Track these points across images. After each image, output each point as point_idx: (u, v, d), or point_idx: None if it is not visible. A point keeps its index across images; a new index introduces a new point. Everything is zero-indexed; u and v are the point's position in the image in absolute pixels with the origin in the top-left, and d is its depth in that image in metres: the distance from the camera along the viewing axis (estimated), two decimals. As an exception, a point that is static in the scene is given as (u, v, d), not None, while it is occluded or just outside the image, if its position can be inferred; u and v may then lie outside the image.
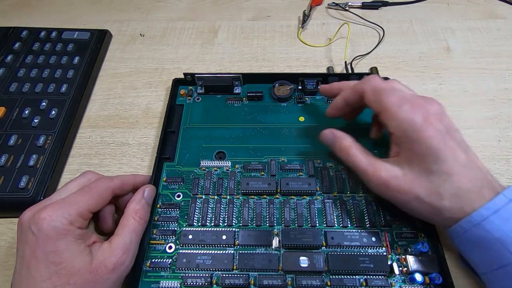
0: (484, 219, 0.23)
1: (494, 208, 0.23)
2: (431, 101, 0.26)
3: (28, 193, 0.32)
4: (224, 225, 0.31)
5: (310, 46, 0.47)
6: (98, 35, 0.46)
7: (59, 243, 0.23)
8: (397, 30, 0.49)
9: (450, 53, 0.46)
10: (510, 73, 0.43)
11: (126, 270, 0.25)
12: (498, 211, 0.22)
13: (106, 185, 0.27)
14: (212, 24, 0.50)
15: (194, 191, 0.32)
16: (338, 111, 0.32)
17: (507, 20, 0.49)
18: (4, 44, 0.44)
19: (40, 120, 0.37)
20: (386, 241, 0.29)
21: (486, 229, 0.23)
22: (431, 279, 0.27)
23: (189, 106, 0.39)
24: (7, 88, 0.40)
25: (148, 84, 0.43)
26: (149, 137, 0.38)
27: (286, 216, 0.31)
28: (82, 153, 0.37)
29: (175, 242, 0.30)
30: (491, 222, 0.22)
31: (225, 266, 0.28)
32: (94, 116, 0.40)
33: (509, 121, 0.39)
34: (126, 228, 0.26)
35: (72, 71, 0.41)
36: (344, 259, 0.28)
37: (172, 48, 0.47)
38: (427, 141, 0.24)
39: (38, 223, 0.23)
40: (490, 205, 0.23)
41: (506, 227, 0.22)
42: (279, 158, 0.34)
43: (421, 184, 0.25)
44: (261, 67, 0.45)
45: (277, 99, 0.39)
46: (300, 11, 0.51)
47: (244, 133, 0.36)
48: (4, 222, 0.33)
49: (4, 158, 0.34)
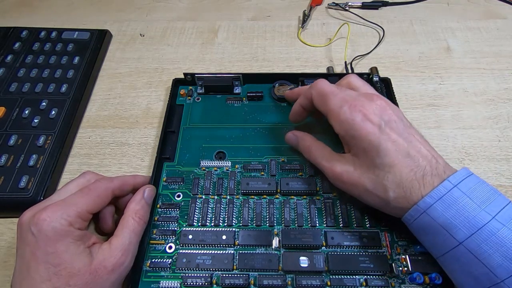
0: (428, 206, 0.23)
1: (438, 195, 0.23)
2: (373, 98, 0.27)
3: (28, 193, 0.32)
4: (224, 225, 0.31)
5: (310, 46, 0.47)
6: (98, 35, 0.46)
7: (59, 244, 0.23)
8: (397, 30, 0.49)
9: (450, 53, 0.46)
10: (510, 73, 0.43)
11: (125, 270, 0.25)
12: (442, 197, 0.23)
13: (105, 186, 0.27)
14: (212, 24, 0.50)
15: (194, 191, 0.32)
16: (298, 116, 0.33)
17: (507, 20, 0.50)
18: (4, 44, 0.44)
19: (40, 120, 0.37)
20: (386, 241, 0.29)
21: (431, 216, 0.23)
22: (431, 279, 0.27)
23: (189, 106, 0.39)
24: (7, 88, 0.40)
25: (148, 84, 0.43)
26: (149, 137, 0.38)
27: (286, 216, 0.31)
28: (82, 153, 0.37)
29: (175, 242, 0.30)
30: (435, 209, 0.23)
31: (225, 266, 0.28)
32: (94, 116, 0.40)
33: (509, 121, 0.39)
34: (125, 228, 0.26)
35: (72, 71, 0.41)
36: (344, 259, 0.28)
37: (172, 48, 0.47)
38: (366, 137, 0.25)
39: (38, 224, 0.23)
40: (434, 192, 0.23)
41: (448, 213, 0.23)
42: (279, 158, 0.34)
43: (368, 178, 0.26)
44: (261, 67, 0.45)
45: (277, 99, 0.39)
46: (300, 11, 0.51)
47: (244, 133, 0.36)
48: (4, 222, 0.33)
49: (4, 158, 0.34)
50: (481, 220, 0.22)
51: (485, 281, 0.22)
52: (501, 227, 0.21)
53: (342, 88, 0.29)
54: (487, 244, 0.21)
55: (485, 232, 0.22)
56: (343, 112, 0.27)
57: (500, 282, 0.21)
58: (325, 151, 0.30)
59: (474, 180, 0.24)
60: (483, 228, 0.22)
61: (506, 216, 0.22)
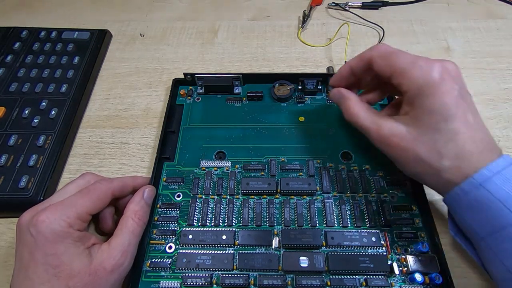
0: (485, 179, 0.22)
1: (496, 169, 0.22)
2: (447, 61, 0.26)
3: (28, 193, 0.32)
4: (224, 225, 0.31)
5: (310, 46, 0.47)
6: (98, 35, 0.46)
7: (58, 246, 0.23)
8: (397, 30, 0.48)
9: (450, 53, 0.46)
10: (510, 73, 0.43)
11: (124, 271, 0.25)
12: (500, 172, 0.22)
13: (105, 187, 0.27)
14: (212, 24, 0.50)
15: (194, 191, 0.32)
16: (343, 79, 0.31)
17: (507, 20, 0.49)
18: (4, 44, 0.44)
19: (40, 120, 0.37)
20: (386, 241, 0.29)
21: (488, 190, 0.22)
22: (431, 279, 0.27)
23: (189, 106, 0.39)
24: (7, 88, 0.40)
25: (148, 84, 0.43)
26: (149, 137, 0.38)
27: (286, 216, 0.31)
28: (82, 153, 0.37)
29: (175, 242, 0.30)
30: (493, 183, 0.22)
31: (225, 266, 0.28)
32: (94, 116, 0.40)
33: (509, 121, 0.39)
34: (125, 229, 0.26)
35: (72, 71, 0.41)
36: (344, 259, 0.28)
37: (172, 48, 0.47)
38: (442, 96, 0.24)
39: (37, 225, 0.23)
40: (492, 166, 0.22)
41: (508, 187, 0.22)
42: (279, 158, 0.34)
43: (423, 142, 0.24)
44: (261, 67, 0.45)
45: (277, 99, 0.39)
46: (300, 11, 0.51)
47: (244, 133, 0.36)
48: (4, 222, 0.33)
49: (4, 158, 0.34)
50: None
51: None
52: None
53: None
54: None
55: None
56: (418, 67, 0.25)
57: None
58: (372, 111, 0.28)
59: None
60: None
61: None
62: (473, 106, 0.25)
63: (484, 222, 0.23)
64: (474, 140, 0.23)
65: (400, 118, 0.26)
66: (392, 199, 0.32)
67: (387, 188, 0.32)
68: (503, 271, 0.22)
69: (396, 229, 0.30)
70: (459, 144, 0.23)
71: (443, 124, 0.24)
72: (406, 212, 0.31)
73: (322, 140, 0.36)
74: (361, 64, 0.29)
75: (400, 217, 0.30)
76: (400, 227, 0.30)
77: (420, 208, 0.31)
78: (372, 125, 0.27)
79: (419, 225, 0.30)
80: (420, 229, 0.30)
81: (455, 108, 0.24)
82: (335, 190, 0.32)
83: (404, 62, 0.26)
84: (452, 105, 0.24)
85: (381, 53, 0.27)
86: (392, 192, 0.32)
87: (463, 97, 0.24)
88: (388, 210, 0.31)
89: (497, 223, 0.22)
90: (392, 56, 0.26)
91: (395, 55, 0.26)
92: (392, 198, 0.32)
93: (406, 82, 0.25)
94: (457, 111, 0.24)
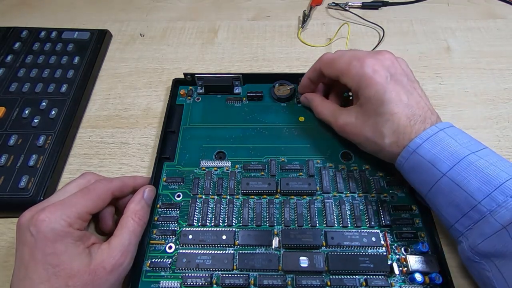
0: (417, 146, 0.26)
1: (426, 136, 0.26)
2: (381, 52, 0.30)
3: (28, 193, 0.32)
4: (224, 225, 0.31)
5: (310, 46, 0.47)
6: (98, 35, 0.46)
7: (58, 245, 0.23)
8: (397, 30, 0.48)
9: (450, 53, 0.46)
10: (510, 73, 0.43)
11: (124, 271, 0.25)
12: (429, 138, 0.26)
13: (105, 187, 0.27)
14: (212, 24, 0.50)
15: (194, 191, 0.32)
16: (307, 88, 0.37)
17: (507, 20, 0.50)
18: (4, 44, 0.44)
19: (40, 120, 0.37)
20: (386, 241, 0.29)
21: (420, 154, 0.26)
22: (431, 279, 0.27)
23: (189, 106, 0.39)
24: (7, 88, 0.40)
25: (148, 84, 0.43)
26: (149, 137, 0.38)
27: (286, 216, 0.31)
28: (82, 153, 0.37)
29: (175, 242, 0.30)
30: (423, 148, 0.26)
31: (225, 266, 0.28)
32: (94, 116, 0.40)
33: (509, 121, 0.39)
34: (125, 229, 0.26)
35: (72, 71, 0.41)
36: (344, 259, 0.28)
37: (172, 48, 0.47)
38: (375, 85, 0.28)
39: (36, 224, 0.23)
40: (423, 134, 0.26)
41: (435, 149, 0.26)
42: (279, 158, 0.34)
43: (368, 125, 0.29)
44: (261, 67, 0.45)
45: (277, 99, 0.39)
46: (300, 11, 0.51)
47: (244, 133, 0.36)
48: (4, 222, 0.33)
49: (4, 158, 0.34)
50: (462, 153, 0.25)
51: (465, 206, 0.24)
52: (478, 159, 0.24)
53: (348, 50, 0.32)
54: (467, 171, 0.24)
55: (465, 162, 0.24)
56: (353, 67, 0.29)
57: (477, 204, 0.23)
58: (331, 107, 0.34)
59: (457, 129, 0.27)
60: (463, 159, 0.25)
61: (484, 153, 0.25)
62: (410, 85, 0.29)
63: (423, 181, 0.27)
64: (407, 116, 0.27)
65: (351, 108, 0.31)
66: (392, 199, 0.32)
67: (387, 188, 0.32)
68: (444, 220, 0.26)
69: (396, 229, 0.30)
70: (395, 122, 0.27)
71: (380, 108, 0.28)
72: (406, 212, 0.31)
73: (322, 140, 0.36)
74: (315, 74, 0.34)
75: (400, 217, 0.30)
76: (400, 227, 0.30)
77: (420, 208, 0.31)
78: (332, 118, 0.33)
79: (419, 225, 0.30)
80: (420, 229, 0.30)
81: (388, 92, 0.28)
82: (335, 190, 0.32)
83: (342, 65, 0.30)
84: (385, 91, 0.28)
85: (326, 62, 0.32)
86: (392, 192, 0.32)
87: (396, 80, 0.28)
88: (388, 210, 0.31)
89: (429, 180, 0.26)
90: (334, 62, 0.31)
91: (335, 61, 0.31)
92: (392, 198, 0.32)
93: (348, 80, 0.30)
94: (390, 94, 0.28)
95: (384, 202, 0.31)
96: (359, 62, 0.29)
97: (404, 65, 0.31)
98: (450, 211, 0.25)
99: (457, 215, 0.25)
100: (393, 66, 0.29)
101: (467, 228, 0.24)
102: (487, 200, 0.23)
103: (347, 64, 0.30)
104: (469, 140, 0.26)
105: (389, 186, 0.32)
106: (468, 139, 0.26)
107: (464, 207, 0.24)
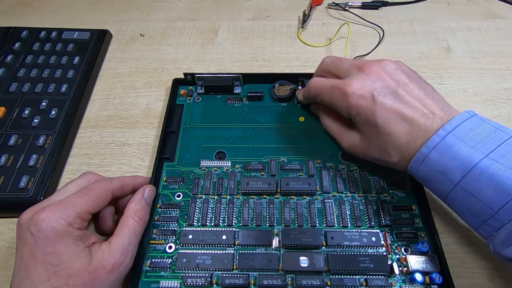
0: (424, 157, 0.25)
1: (433, 144, 0.25)
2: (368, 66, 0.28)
3: (28, 193, 0.32)
4: (224, 225, 0.31)
5: (310, 46, 0.47)
6: (98, 35, 0.46)
7: (58, 244, 0.23)
8: (397, 30, 0.49)
9: (450, 53, 0.46)
10: (510, 73, 0.43)
11: (124, 270, 0.25)
12: (436, 146, 0.25)
13: (105, 187, 0.27)
14: (212, 24, 0.50)
15: (194, 191, 0.32)
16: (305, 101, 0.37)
17: (507, 20, 0.50)
18: (4, 44, 0.44)
19: (40, 120, 0.37)
20: (386, 241, 0.29)
21: (428, 165, 0.25)
22: (431, 279, 0.27)
23: (189, 106, 0.39)
24: (7, 88, 0.40)
25: (148, 84, 0.43)
26: (149, 137, 0.38)
27: (286, 216, 0.31)
28: (82, 153, 0.37)
29: (175, 242, 0.30)
30: (430, 159, 0.25)
31: (225, 266, 0.28)
32: (94, 116, 0.40)
33: (509, 121, 0.39)
34: (125, 228, 0.26)
35: (72, 71, 0.41)
36: (344, 259, 0.28)
37: (172, 48, 0.47)
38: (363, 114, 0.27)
39: (37, 224, 0.23)
40: (429, 142, 0.25)
41: (443, 159, 0.24)
42: (279, 158, 0.34)
43: (374, 148, 0.29)
44: (261, 67, 0.45)
45: (277, 99, 0.39)
46: (300, 11, 0.51)
47: (244, 133, 0.36)
48: (4, 222, 0.33)
49: (4, 158, 0.34)
50: (473, 160, 0.23)
51: (482, 215, 0.23)
52: (492, 163, 0.23)
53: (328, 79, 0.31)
54: (479, 181, 0.23)
55: (477, 171, 0.23)
56: (337, 99, 0.29)
57: (494, 213, 0.23)
58: (337, 122, 0.33)
59: (473, 122, 0.25)
60: (475, 167, 0.23)
61: (500, 153, 0.23)
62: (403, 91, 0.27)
63: (437, 190, 0.26)
64: (406, 131, 0.26)
65: (354, 130, 0.31)
66: (392, 199, 0.32)
67: (387, 188, 0.32)
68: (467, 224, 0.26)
69: (396, 229, 0.30)
70: (395, 141, 0.27)
71: (377, 130, 0.27)
72: (406, 212, 0.31)
73: (322, 140, 0.36)
74: (310, 99, 0.34)
75: (400, 217, 0.30)
76: (400, 227, 0.30)
77: (420, 208, 0.31)
78: (338, 137, 0.33)
79: (419, 225, 0.30)
80: (420, 229, 0.30)
81: (378, 115, 0.27)
82: (335, 190, 0.32)
83: (328, 99, 0.30)
84: (374, 114, 0.27)
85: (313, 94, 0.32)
86: (392, 192, 0.32)
87: (385, 95, 0.27)
88: (388, 210, 0.31)
89: (444, 188, 0.25)
90: (320, 95, 0.31)
91: (321, 94, 0.31)
92: (392, 198, 0.32)
93: (338, 110, 0.30)
94: (382, 116, 0.27)
95: (384, 202, 0.31)
96: (341, 92, 0.28)
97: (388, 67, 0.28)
98: (470, 217, 0.25)
99: (477, 222, 0.24)
100: (380, 79, 0.27)
101: (489, 233, 0.24)
102: (503, 211, 0.22)
103: (331, 97, 0.30)
104: (485, 136, 0.24)
105: (389, 186, 0.32)
106: (483, 135, 0.24)
107: (482, 216, 0.24)
